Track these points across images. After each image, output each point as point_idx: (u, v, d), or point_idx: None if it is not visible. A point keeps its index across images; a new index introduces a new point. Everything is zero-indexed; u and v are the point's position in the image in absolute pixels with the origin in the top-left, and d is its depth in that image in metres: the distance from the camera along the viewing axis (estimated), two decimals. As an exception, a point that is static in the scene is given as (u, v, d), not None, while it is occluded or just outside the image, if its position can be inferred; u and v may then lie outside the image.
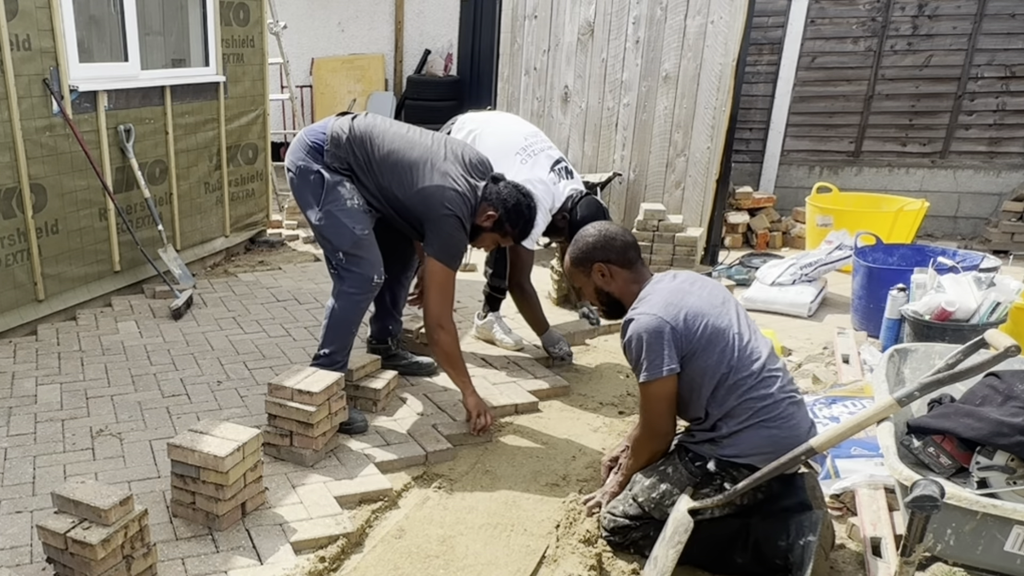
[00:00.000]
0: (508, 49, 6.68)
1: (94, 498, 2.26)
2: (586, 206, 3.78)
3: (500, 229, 3.25)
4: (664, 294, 2.51)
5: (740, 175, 7.25)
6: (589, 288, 2.74)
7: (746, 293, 5.17)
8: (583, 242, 2.71)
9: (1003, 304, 3.63)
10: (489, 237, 3.31)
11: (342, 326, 3.30)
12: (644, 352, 2.42)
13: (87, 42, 4.68)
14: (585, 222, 3.67)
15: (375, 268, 3.25)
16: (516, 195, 3.22)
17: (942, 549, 2.13)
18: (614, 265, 2.65)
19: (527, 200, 3.25)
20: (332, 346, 3.32)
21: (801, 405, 2.50)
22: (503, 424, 3.52)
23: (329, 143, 3.24)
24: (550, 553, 2.62)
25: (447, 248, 3.19)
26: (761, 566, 2.44)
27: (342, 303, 3.28)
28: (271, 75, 6.31)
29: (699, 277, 2.68)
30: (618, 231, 2.72)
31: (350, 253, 3.21)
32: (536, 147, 3.90)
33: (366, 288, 3.26)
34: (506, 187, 3.23)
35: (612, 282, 2.67)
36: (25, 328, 4.41)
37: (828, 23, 7.07)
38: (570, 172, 3.91)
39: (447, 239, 3.18)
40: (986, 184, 6.86)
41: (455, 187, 3.15)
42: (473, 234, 3.27)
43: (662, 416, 2.52)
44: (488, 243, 3.38)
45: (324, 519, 2.70)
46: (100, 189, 4.72)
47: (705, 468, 2.48)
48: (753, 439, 2.40)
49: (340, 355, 3.34)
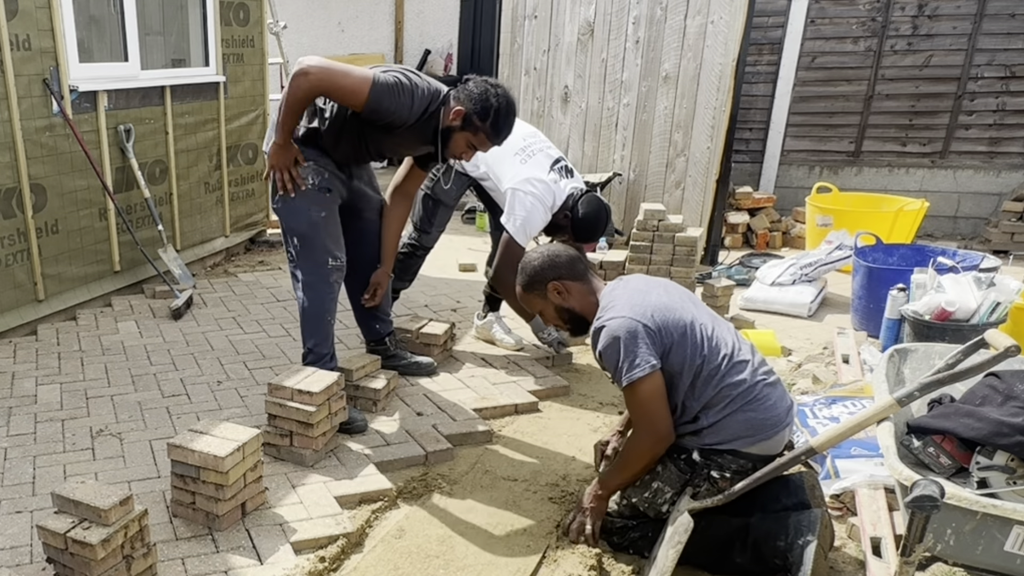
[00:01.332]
0: (508, 49, 6.69)
1: (94, 498, 2.26)
2: (587, 203, 3.74)
3: (470, 126, 2.95)
4: (626, 297, 2.50)
5: (740, 175, 7.25)
6: (549, 309, 2.70)
7: (746, 293, 5.17)
8: (529, 267, 2.69)
9: (1003, 304, 3.63)
10: (461, 138, 2.99)
11: (314, 317, 3.22)
12: (623, 354, 2.39)
13: (87, 42, 4.68)
14: (587, 219, 3.69)
15: (328, 252, 3.13)
16: (483, 85, 2.96)
17: (942, 549, 2.13)
18: (567, 280, 2.63)
19: (495, 88, 2.96)
20: (313, 339, 3.26)
21: (777, 385, 2.51)
22: (503, 424, 3.52)
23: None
24: (550, 553, 2.62)
25: (384, 79, 2.88)
26: (761, 566, 2.44)
27: (305, 294, 3.20)
28: (271, 75, 6.31)
29: (650, 278, 2.70)
30: (561, 248, 2.71)
31: (304, 235, 3.11)
32: (535, 147, 3.88)
33: (322, 273, 3.15)
34: (475, 82, 2.99)
35: (570, 297, 2.65)
36: (25, 328, 4.40)
37: (828, 23, 7.07)
38: (570, 171, 3.90)
39: (390, 79, 2.90)
40: (986, 184, 6.86)
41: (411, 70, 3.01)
42: (445, 139, 3.00)
43: (659, 414, 2.46)
44: (461, 146, 3.03)
45: (324, 519, 2.70)
46: (100, 189, 4.72)
47: (691, 459, 2.49)
48: (732, 425, 2.42)
49: (324, 346, 3.28)
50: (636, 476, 2.57)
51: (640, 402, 2.46)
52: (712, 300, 4.75)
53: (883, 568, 2.37)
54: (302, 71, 2.85)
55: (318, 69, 2.85)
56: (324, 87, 2.88)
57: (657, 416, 2.46)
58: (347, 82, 2.86)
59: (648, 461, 2.53)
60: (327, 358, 3.30)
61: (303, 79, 2.85)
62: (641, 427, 2.52)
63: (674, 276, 4.78)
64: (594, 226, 3.75)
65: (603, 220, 3.76)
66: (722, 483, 2.45)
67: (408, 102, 2.91)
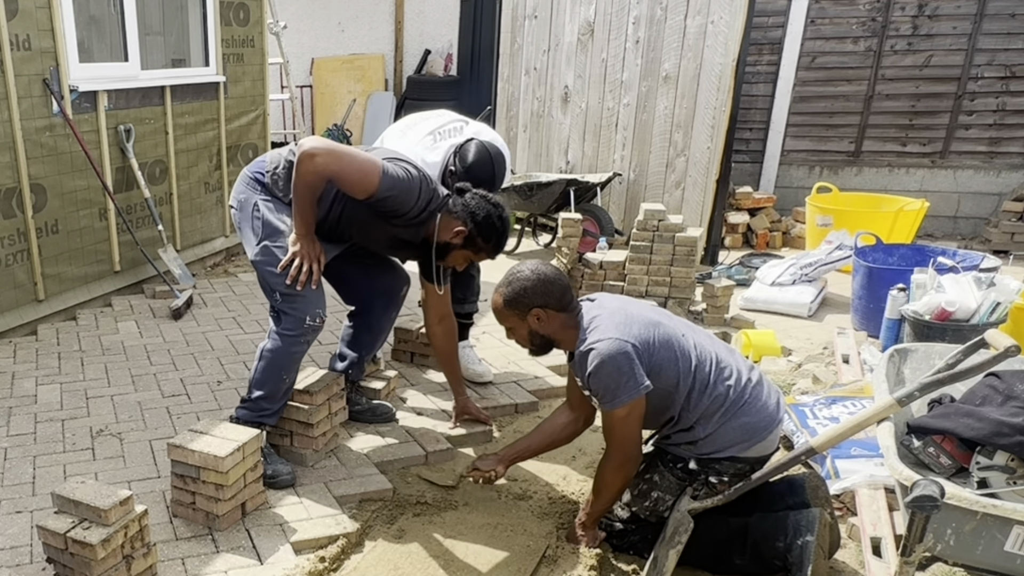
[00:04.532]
0: (508, 49, 6.69)
1: (94, 498, 2.26)
2: (473, 149, 3.29)
3: (472, 246, 2.89)
4: (608, 318, 2.43)
5: (740, 175, 7.25)
6: (522, 331, 2.56)
7: (746, 293, 5.17)
8: (518, 284, 2.50)
9: (1003, 304, 3.63)
10: (460, 255, 2.94)
11: (272, 369, 2.91)
12: (616, 376, 2.33)
13: (87, 42, 4.68)
14: (477, 168, 3.26)
15: (311, 309, 2.87)
16: (486, 206, 2.86)
17: (942, 549, 2.12)
18: (552, 310, 2.49)
19: (498, 211, 2.88)
20: (261, 390, 2.93)
21: (762, 382, 2.50)
22: (503, 424, 3.52)
23: (269, 167, 2.97)
24: (550, 553, 2.62)
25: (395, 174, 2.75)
26: (760, 567, 2.44)
27: (275, 343, 2.90)
28: (271, 75, 6.31)
29: (617, 296, 2.66)
30: (553, 273, 2.53)
31: (286, 293, 2.85)
32: (417, 128, 3.51)
33: (300, 330, 2.88)
34: (473, 198, 2.88)
35: (548, 326, 2.52)
36: (25, 328, 4.40)
37: (828, 23, 7.07)
38: (460, 130, 3.45)
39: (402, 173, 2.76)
40: (986, 184, 6.86)
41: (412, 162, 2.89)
42: (441, 252, 2.94)
43: (636, 437, 2.45)
44: (459, 260, 2.99)
45: (324, 519, 2.70)
46: (100, 189, 4.72)
47: (687, 467, 2.48)
48: (728, 433, 2.41)
49: (271, 402, 2.95)
50: (614, 499, 2.57)
51: (624, 424, 2.41)
52: (712, 300, 4.76)
53: (883, 568, 2.37)
54: (307, 153, 2.69)
55: (325, 152, 2.70)
56: (332, 171, 2.71)
57: (635, 439, 2.46)
58: (355, 168, 2.73)
59: (623, 484, 2.53)
60: (267, 414, 2.95)
61: (310, 163, 2.69)
62: (617, 449, 2.46)
63: (674, 276, 4.78)
64: (489, 173, 3.29)
65: (491, 164, 3.30)
66: (720, 487, 2.45)
67: (415, 196, 2.81)
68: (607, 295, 2.65)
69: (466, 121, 3.60)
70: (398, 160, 2.85)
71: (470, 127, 3.55)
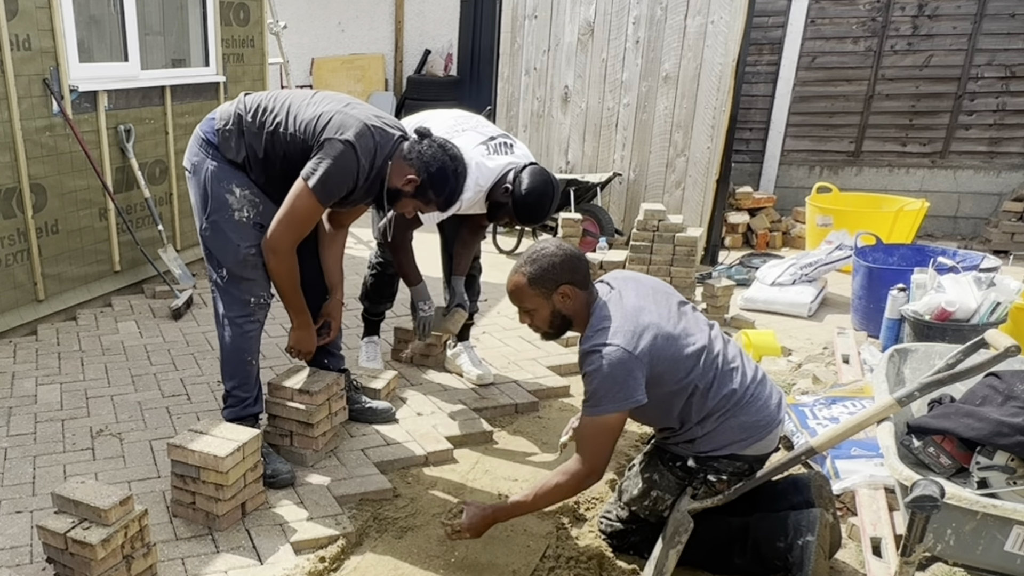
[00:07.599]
0: (508, 49, 6.69)
1: (94, 498, 2.26)
2: (531, 175, 3.23)
3: (422, 195, 2.77)
4: (620, 319, 2.36)
5: (740, 175, 7.25)
6: (544, 311, 2.45)
7: (746, 293, 5.17)
8: (546, 261, 2.40)
9: (1003, 304, 3.63)
10: (410, 203, 2.82)
11: (234, 356, 2.95)
12: (611, 384, 2.29)
13: (87, 42, 4.68)
14: (531, 195, 3.21)
15: (256, 291, 2.89)
16: (442, 157, 2.72)
17: (942, 549, 2.12)
18: (578, 288, 2.42)
19: (454, 164, 2.75)
20: (233, 380, 2.97)
21: (765, 382, 2.48)
22: (503, 424, 3.52)
23: (219, 123, 2.84)
24: (550, 553, 2.62)
25: (323, 173, 2.61)
26: (761, 567, 2.44)
27: (226, 331, 2.93)
28: (271, 75, 6.31)
29: (638, 279, 2.55)
30: (577, 249, 2.47)
31: (233, 272, 2.84)
32: (464, 126, 3.46)
33: (245, 311, 2.90)
34: (430, 146, 2.73)
35: (573, 304, 2.43)
36: (25, 328, 4.40)
37: (828, 23, 7.07)
38: (509, 146, 3.43)
39: (328, 164, 2.62)
40: (986, 184, 6.86)
41: (359, 118, 2.69)
42: (392, 197, 2.81)
43: (607, 452, 2.37)
44: (408, 208, 2.87)
45: (324, 519, 2.70)
46: (100, 189, 4.72)
47: (686, 466, 2.47)
48: (727, 431, 2.39)
49: (245, 390, 2.97)
50: (541, 508, 2.52)
51: (599, 434, 2.34)
52: (712, 300, 4.76)
53: (883, 568, 2.37)
54: (268, 250, 2.77)
55: (276, 239, 2.73)
56: (292, 239, 2.76)
57: (605, 453, 2.37)
58: (300, 218, 2.71)
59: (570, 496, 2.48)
60: (249, 403, 3.00)
61: (273, 257, 2.77)
62: (585, 459, 2.36)
63: (674, 276, 4.78)
64: (539, 203, 3.22)
65: (549, 195, 3.24)
66: (719, 485, 2.44)
67: (352, 176, 2.69)
68: (628, 280, 2.54)
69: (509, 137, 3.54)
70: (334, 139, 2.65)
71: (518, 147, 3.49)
